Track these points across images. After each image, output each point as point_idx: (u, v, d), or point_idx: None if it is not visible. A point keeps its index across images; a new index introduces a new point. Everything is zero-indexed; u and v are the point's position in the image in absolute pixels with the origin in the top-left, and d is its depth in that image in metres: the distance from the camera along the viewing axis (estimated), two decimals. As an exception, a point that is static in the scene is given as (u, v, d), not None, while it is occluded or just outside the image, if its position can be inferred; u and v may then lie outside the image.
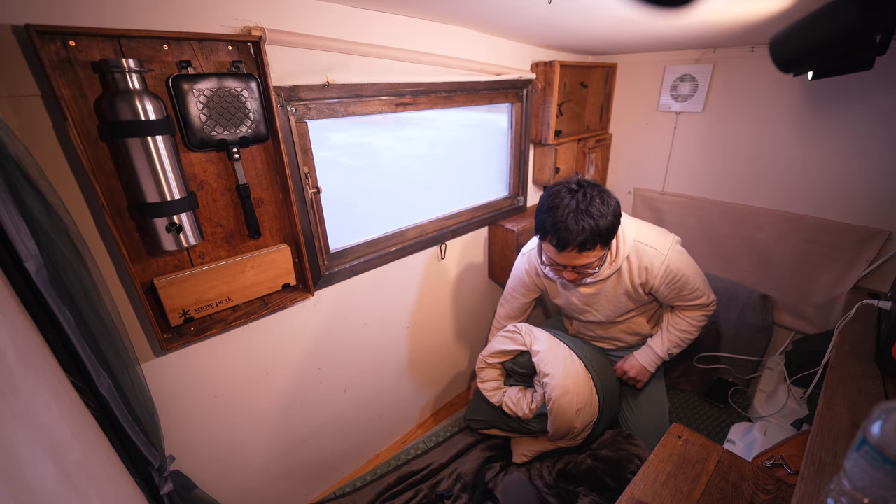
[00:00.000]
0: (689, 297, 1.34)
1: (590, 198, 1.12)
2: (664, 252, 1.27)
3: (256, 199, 1.10)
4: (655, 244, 1.28)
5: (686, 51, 1.79)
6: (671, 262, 1.27)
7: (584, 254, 1.15)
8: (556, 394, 1.36)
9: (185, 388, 1.14)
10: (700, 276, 1.34)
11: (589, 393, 1.41)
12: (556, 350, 1.45)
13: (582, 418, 1.39)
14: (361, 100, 1.23)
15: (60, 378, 0.71)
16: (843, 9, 0.64)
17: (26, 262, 0.63)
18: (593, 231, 1.10)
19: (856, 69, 0.95)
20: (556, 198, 1.14)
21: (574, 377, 1.39)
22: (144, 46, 0.85)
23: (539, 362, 1.42)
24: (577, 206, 1.10)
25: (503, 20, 1.28)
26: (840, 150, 1.54)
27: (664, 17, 1.18)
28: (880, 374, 0.99)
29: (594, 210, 1.10)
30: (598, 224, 1.10)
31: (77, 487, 0.58)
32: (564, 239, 1.11)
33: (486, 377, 1.62)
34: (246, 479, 1.38)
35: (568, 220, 1.10)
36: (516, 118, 1.76)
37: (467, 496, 1.48)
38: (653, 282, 1.29)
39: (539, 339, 1.48)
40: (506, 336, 1.57)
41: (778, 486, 0.91)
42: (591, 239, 1.11)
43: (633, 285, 1.32)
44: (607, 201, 1.13)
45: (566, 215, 1.10)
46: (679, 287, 1.31)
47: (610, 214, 1.13)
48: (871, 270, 1.57)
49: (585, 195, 1.12)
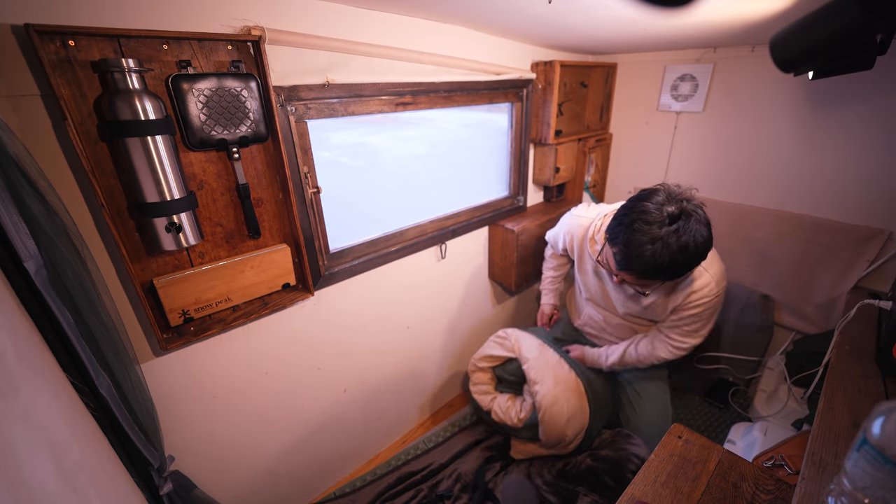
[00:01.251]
0: (688, 332, 1.25)
1: (684, 241, 0.93)
2: (720, 287, 1.15)
3: (256, 199, 1.10)
4: (716, 276, 1.15)
5: (686, 50, 1.79)
6: (717, 300, 1.16)
7: (642, 281, 1.05)
8: (547, 402, 1.35)
9: (184, 388, 1.14)
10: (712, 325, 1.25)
11: (579, 401, 1.40)
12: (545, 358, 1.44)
13: (573, 426, 1.38)
14: (361, 99, 1.23)
15: (60, 378, 0.71)
16: (844, 8, 0.64)
17: (26, 262, 0.63)
18: (663, 269, 0.96)
19: (856, 69, 0.95)
20: (641, 217, 0.96)
21: (564, 385, 1.38)
22: (144, 46, 0.85)
23: (529, 370, 1.42)
24: (663, 241, 0.93)
25: (503, 20, 1.28)
26: (840, 150, 1.54)
27: (664, 16, 1.18)
28: (881, 373, 0.99)
29: (678, 256, 0.94)
30: (675, 269, 0.98)
31: (77, 488, 0.58)
32: (628, 265, 1.00)
33: (477, 381, 1.62)
34: (246, 479, 1.38)
35: (643, 249, 0.95)
36: (516, 118, 1.76)
37: (467, 496, 1.48)
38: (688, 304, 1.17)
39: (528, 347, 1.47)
40: (495, 341, 1.56)
41: (778, 487, 0.91)
42: (655, 274, 0.99)
43: (668, 299, 1.20)
44: (700, 245, 0.95)
45: (642, 243, 0.95)
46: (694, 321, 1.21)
47: (694, 260, 0.97)
48: (871, 270, 1.57)
49: (679, 233, 0.93)
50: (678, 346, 1.28)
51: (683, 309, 1.19)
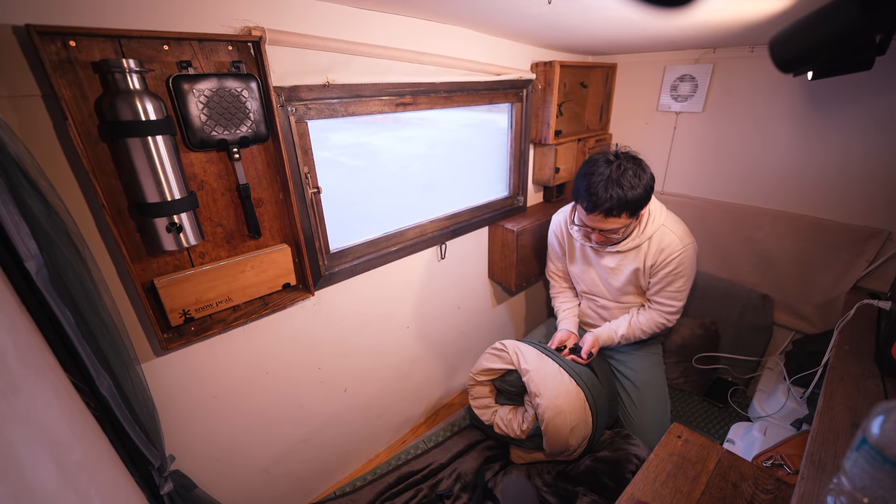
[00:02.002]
0: (672, 295, 1.42)
1: (623, 169, 1.22)
2: (684, 244, 1.36)
3: (256, 199, 1.10)
4: (679, 234, 1.36)
5: (686, 51, 1.79)
6: (684, 255, 1.35)
7: (610, 219, 1.26)
8: (549, 414, 1.34)
9: (185, 387, 1.14)
10: (691, 283, 1.42)
11: (582, 409, 1.38)
12: (545, 368, 1.42)
13: (576, 436, 1.37)
14: (361, 100, 1.23)
15: (61, 378, 0.71)
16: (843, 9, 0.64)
17: (27, 262, 0.63)
18: (620, 200, 1.21)
19: (856, 69, 0.95)
20: (593, 165, 1.26)
21: (566, 395, 1.37)
22: (145, 46, 0.85)
23: (529, 382, 1.40)
24: (609, 176, 1.22)
25: (503, 20, 1.28)
26: (840, 150, 1.54)
27: (664, 17, 1.18)
28: (880, 373, 0.99)
29: (625, 181, 1.21)
30: (627, 195, 1.20)
31: (77, 487, 0.58)
32: (593, 203, 1.24)
33: (476, 394, 1.61)
34: (246, 478, 1.38)
35: (598, 187, 1.22)
36: (516, 118, 1.76)
37: (467, 496, 1.48)
38: (660, 265, 1.37)
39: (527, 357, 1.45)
40: (493, 353, 1.55)
41: (778, 486, 0.91)
42: (617, 206, 1.22)
43: (644, 265, 1.40)
44: (640, 175, 1.23)
45: (597, 182, 1.22)
46: (672, 280, 1.39)
47: (640, 187, 1.22)
48: (870, 270, 1.57)
49: (620, 166, 1.23)
50: (668, 309, 1.46)
51: (660, 268, 1.39)
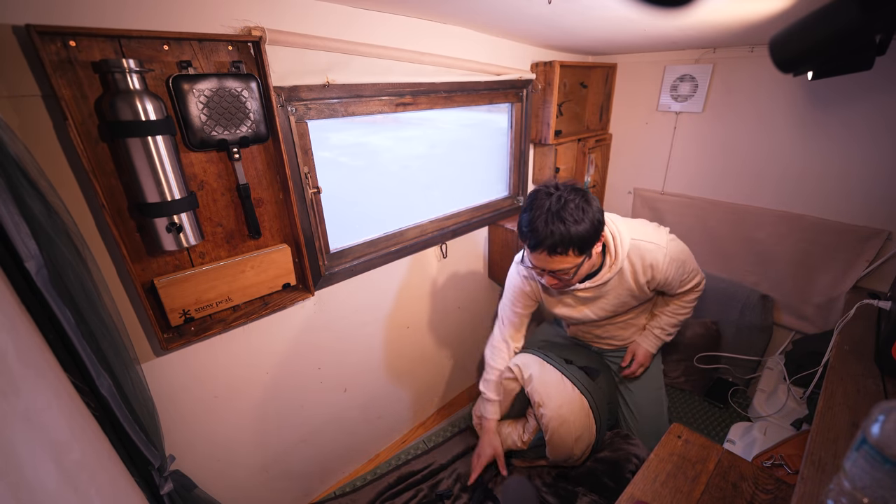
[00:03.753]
0: (688, 280, 1.37)
1: (564, 201, 1.09)
2: (663, 245, 1.27)
3: (256, 199, 1.10)
4: (653, 239, 1.28)
5: (686, 51, 1.79)
6: (672, 253, 1.28)
7: (555, 258, 1.13)
8: (554, 424, 1.31)
9: (185, 387, 1.14)
10: (692, 256, 1.36)
11: (586, 418, 1.36)
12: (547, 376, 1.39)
13: (581, 445, 1.35)
14: (361, 100, 1.23)
15: (61, 378, 0.71)
16: (843, 9, 0.64)
17: (27, 262, 0.63)
18: (563, 237, 1.08)
19: (855, 69, 0.95)
20: (535, 199, 1.13)
21: (569, 405, 1.34)
22: (145, 46, 0.85)
23: (532, 392, 1.37)
24: (548, 209, 1.09)
25: (503, 20, 1.28)
26: (840, 150, 1.54)
27: (664, 17, 1.18)
28: (880, 373, 0.99)
29: (566, 215, 1.08)
30: (570, 230, 1.08)
31: (77, 487, 0.58)
32: (534, 240, 1.11)
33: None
34: (246, 478, 1.38)
35: (537, 222, 1.09)
36: (516, 118, 1.76)
37: (467, 496, 1.48)
38: (659, 277, 1.29)
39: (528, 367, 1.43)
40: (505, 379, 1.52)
41: (778, 486, 0.91)
42: (560, 243, 1.09)
43: (637, 284, 1.31)
44: (584, 208, 1.10)
45: (536, 217, 1.10)
46: (682, 272, 1.33)
47: (586, 221, 1.09)
48: (870, 270, 1.57)
49: (560, 199, 1.10)
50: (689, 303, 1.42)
51: (659, 280, 1.30)
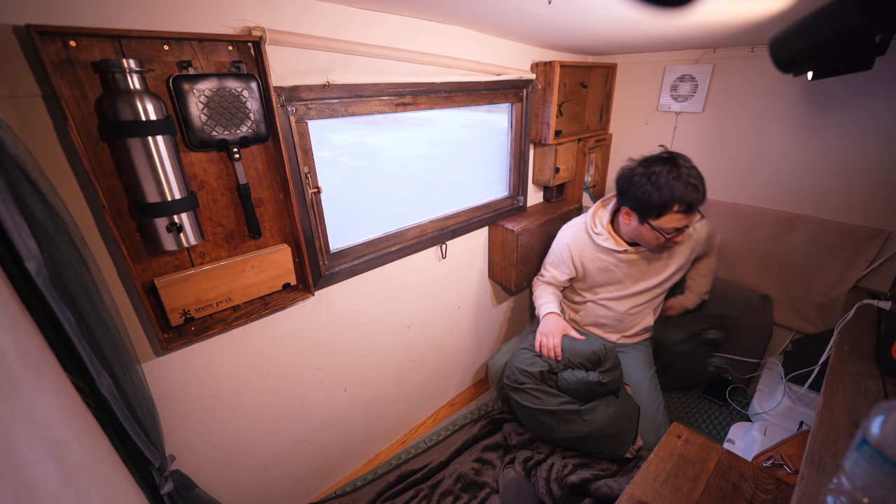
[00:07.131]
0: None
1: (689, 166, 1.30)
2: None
3: (257, 199, 1.10)
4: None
5: (686, 51, 1.79)
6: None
7: (691, 216, 1.33)
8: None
9: (185, 387, 1.14)
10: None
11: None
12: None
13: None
14: (361, 100, 1.23)
15: (61, 378, 0.71)
16: (843, 9, 0.64)
17: (27, 262, 0.63)
18: (703, 190, 1.30)
19: (855, 69, 0.95)
20: (668, 168, 1.28)
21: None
22: (145, 46, 0.85)
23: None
24: (689, 172, 1.27)
25: (503, 20, 1.28)
26: (840, 150, 1.54)
27: (664, 17, 1.18)
28: (880, 373, 0.99)
29: (694, 171, 1.30)
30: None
31: (78, 487, 0.58)
32: (698, 196, 1.28)
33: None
34: (246, 478, 1.39)
35: (693, 181, 1.26)
36: (516, 118, 1.76)
37: (468, 496, 1.48)
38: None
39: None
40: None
41: (778, 486, 0.91)
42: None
43: (692, 250, 1.56)
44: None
45: (687, 179, 1.26)
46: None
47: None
48: (870, 270, 1.57)
49: (686, 159, 1.31)
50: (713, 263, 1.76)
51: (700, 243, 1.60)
